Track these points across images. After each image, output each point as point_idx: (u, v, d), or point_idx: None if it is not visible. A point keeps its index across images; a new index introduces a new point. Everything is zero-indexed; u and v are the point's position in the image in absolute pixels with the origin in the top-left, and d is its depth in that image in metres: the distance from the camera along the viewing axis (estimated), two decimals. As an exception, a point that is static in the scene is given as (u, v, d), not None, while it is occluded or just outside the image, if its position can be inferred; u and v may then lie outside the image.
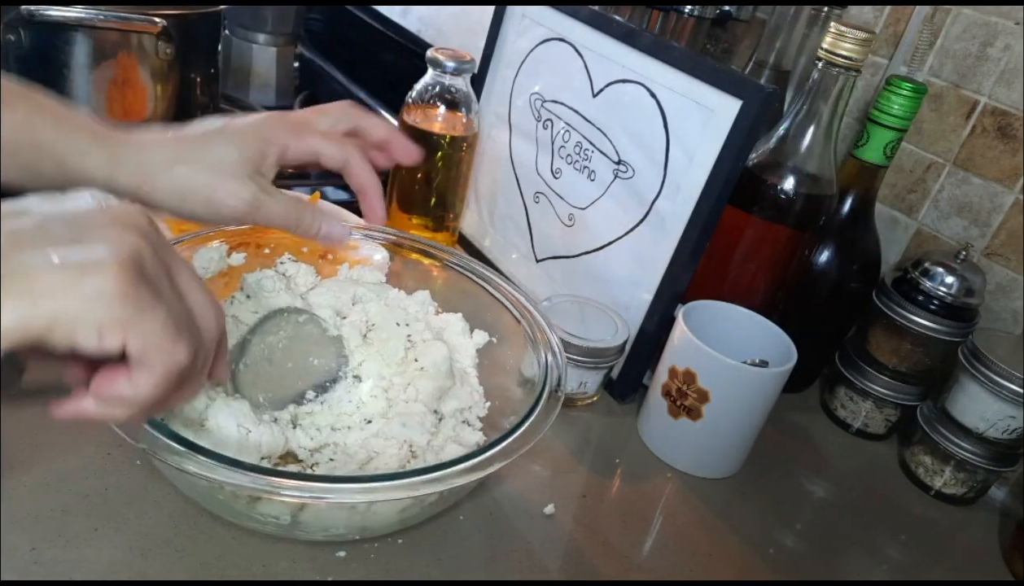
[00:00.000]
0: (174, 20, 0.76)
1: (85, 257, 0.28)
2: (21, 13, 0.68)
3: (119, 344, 0.29)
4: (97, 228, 0.30)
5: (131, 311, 0.29)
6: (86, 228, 0.29)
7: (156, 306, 0.30)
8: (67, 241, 0.29)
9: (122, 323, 0.29)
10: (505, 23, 0.77)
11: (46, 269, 0.28)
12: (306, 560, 0.44)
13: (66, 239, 0.29)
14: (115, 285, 0.28)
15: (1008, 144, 0.66)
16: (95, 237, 0.29)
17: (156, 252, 0.31)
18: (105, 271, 0.28)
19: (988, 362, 0.59)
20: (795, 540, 0.56)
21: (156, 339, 0.30)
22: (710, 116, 0.58)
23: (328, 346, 0.51)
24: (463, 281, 0.58)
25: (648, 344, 0.63)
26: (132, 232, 0.30)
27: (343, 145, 0.50)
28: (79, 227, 0.29)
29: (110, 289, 0.28)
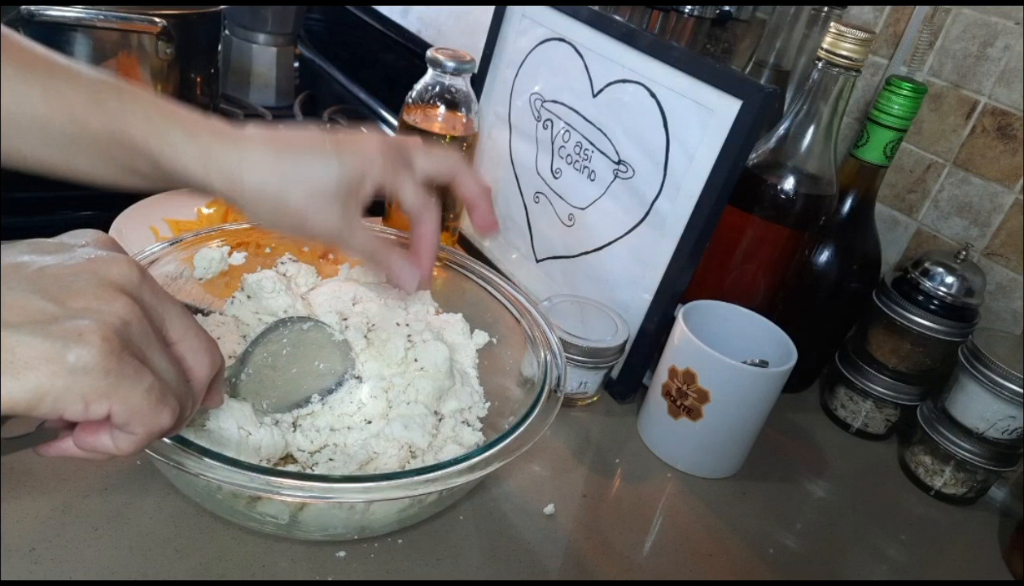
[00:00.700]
0: (174, 20, 0.76)
1: (69, 329, 0.28)
2: (21, 13, 0.68)
3: (104, 413, 0.29)
4: (83, 294, 0.29)
5: (115, 382, 0.29)
6: (72, 293, 0.29)
7: (140, 376, 0.30)
8: (51, 310, 0.28)
9: (107, 394, 0.29)
10: (505, 23, 0.77)
11: (29, 342, 0.27)
12: (306, 560, 0.44)
13: (50, 308, 0.28)
14: (99, 359, 0.28)
15: (1008, 144, 0.66)
16: (80, 306, 0.29)
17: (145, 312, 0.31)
18: (89, 344, 0.28)
19: (988, 362, 0.59)
20: (795, 540, 0.56)
21: (139, 408, 0.30)
22: (710, 116, 0.58)
23: (334, 350, 0.51)
24: (463, 281, 0.58)
25: (648, 344, 0.63)
26: (118, 296, 0.30)
27: (426, 201, 0.46)
28: (65, 290, 0.29)
29: (94, 362, 0.28)
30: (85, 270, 0.30)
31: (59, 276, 0.29)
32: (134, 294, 0.30)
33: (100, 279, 0.30)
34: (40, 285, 0.29)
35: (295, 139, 0.43)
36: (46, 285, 0.29)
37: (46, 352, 0.27)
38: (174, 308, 0.33)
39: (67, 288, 0.29)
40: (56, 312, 0.28)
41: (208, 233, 0.54)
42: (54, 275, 0.29)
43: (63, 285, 0.29)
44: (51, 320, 0.28)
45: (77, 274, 0.29)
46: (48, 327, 0.28)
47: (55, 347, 0.27)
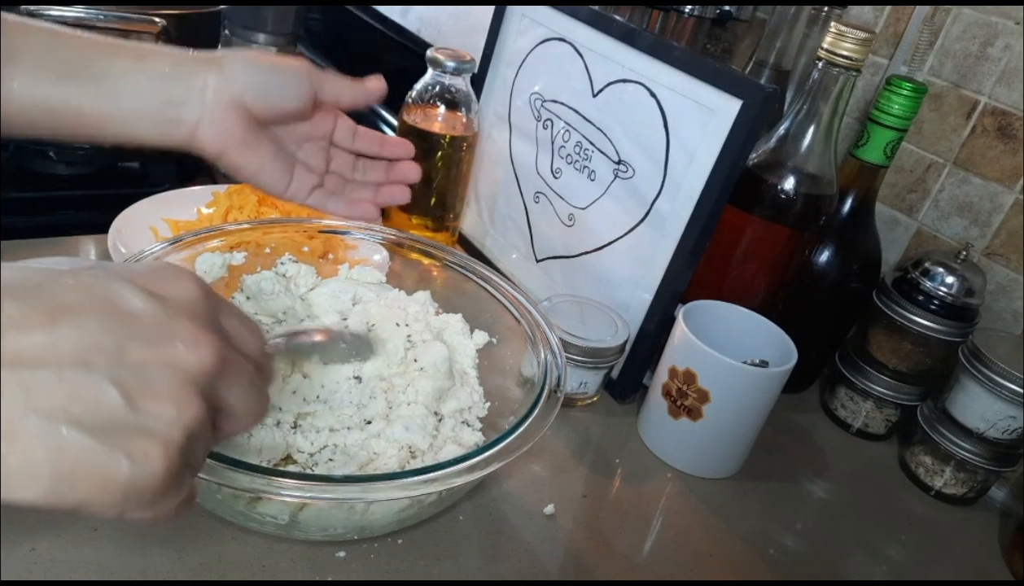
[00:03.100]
0: (174, 20, 0.76)
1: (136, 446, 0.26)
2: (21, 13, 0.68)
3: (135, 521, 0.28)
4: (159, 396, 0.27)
5: (159, 501, 0.27)
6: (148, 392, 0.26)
7: (182, 488, 0.28)
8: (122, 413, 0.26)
9: (147, 512, 0.27)
10: (505, 23, 0.77)
11: (89, 447, 0.25)
12: (306, 560, 0.44)
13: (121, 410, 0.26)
14: (156, 485, 0.26)
15: (1008, 144, 0.66)
16: (153, 411, 0.26)
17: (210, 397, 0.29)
18: (152, 469, 0.26)
19: (988, 362, 0.59)
20: (795, 540, 0.56)
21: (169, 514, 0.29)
22: (710, 116, 0.58)
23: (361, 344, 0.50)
24: (463, 281, 0.58)
25: (648, 344, 0.63)
26: (193, 401, 0.27)
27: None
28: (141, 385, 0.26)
29: (150, 489, 0.26)
30: (164, 360, 0.27)
31: (138, 364, 0.26)
32: (210, 387, 0.28)
33: (180, 376, 0.27)
34: (119, 373, 0.26)
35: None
36: (123, 374, 0.26)
37: (104, 466, 0.25)
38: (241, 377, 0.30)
39: (144, 382, 0.26)
40: (126, 417, 0.26)
41: (208, 233, 0.54)
42: (133, 362, 0.26)
43: (140, 376, 0.26)
44: (119, 427, 0.26)
45: (156, 365, 0.27)
46: (115, 435, 0.25)
47: (115, 462, 0.25)
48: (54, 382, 0.25)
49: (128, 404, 0.26)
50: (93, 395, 0.25)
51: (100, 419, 0.25)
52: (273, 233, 0.58)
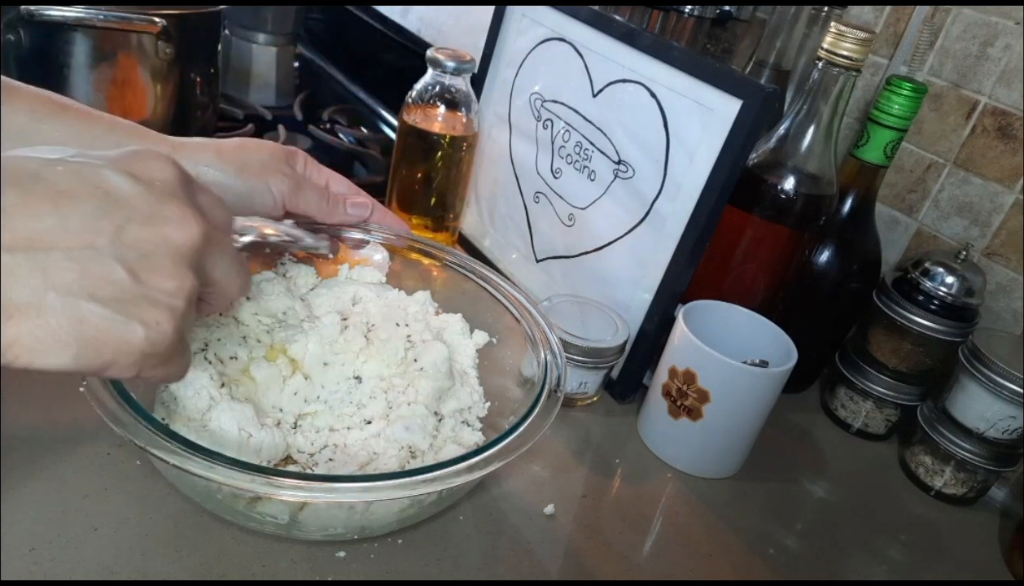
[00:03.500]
0: (174, 20, 0.76)
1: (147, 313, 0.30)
2: (21, 13, 0.68)
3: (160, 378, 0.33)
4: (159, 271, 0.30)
5: (170, 359, 0.32)
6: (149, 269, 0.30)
7: (187, 350, 0.34)
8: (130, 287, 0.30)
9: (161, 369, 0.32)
10: (505, 23, 0.77)
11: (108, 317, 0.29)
12: (306, 560, 0.44)
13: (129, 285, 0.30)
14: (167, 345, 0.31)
15: (1008, 144, 0.66)
16: (156, 285, 0.30)
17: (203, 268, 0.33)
18: (163, 333, 0.31)
19: (988, 362, 0.59)
20: (795, 540, 0.56)
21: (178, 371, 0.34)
22: (710, 116, 0.58)
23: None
24: (463, 281, 0.58)
25: (648, 344, 0.63)
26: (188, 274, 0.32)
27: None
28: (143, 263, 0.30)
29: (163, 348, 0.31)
30: (160, 241, 0.30)
31: (137, 244, 0.30)
32: (199, 261, 0.32)
33: (174, 253, 0.31)
34: (122, 252, 0.29)
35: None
36: (127, 254, 0.29)
37: (122, 332, 0.29)
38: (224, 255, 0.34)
39: (144, 260, 0.30)
40: (135, 290, 0.30)
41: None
42: (133, 241, 0.30)
43: (141, 256, 0.30)
44: (130, 299, 0.29)
45: (153, 246, 0.30)
46: (127, 306, 0.29)
47: (131, 328, 0.30)
48: (67, 262, 0.28)
49: (133, 279, 0.30)
50: (103, 273, 0.29)
51: (112, 293, 0.29)
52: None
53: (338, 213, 0.54)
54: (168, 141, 0.49)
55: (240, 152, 0.50)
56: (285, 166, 0.52)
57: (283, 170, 0.51)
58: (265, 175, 0.50)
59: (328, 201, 0.54)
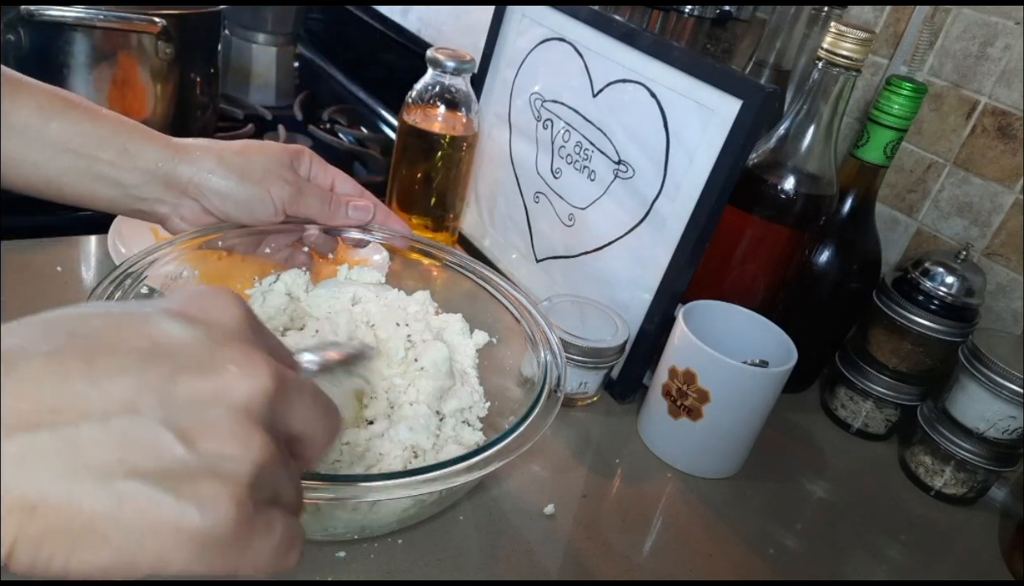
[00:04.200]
0: (174, 20, 0.76)
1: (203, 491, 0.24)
2: (21, 13, 0.68)
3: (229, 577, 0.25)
4: (216, 433, 0.24)
5: (243, 548, 0.25)
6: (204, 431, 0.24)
7: (270, 532, 0.26)
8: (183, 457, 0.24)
9: (234, 563, 0.25)
10: (505, 23, 0.77)
11: (156, 499, 0.23)
12: (306, 560, 0.44)
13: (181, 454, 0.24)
14: (231, 527, 0.24)
15: (1008, 144, 0.66)
16: (213, 451, 0.24)
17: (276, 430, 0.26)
18: (223, 511, 0.24)
19: (988, 362, 0.59)
20: (795, 540, 0.56)
21: (268, 564, 0.26)
22: (710, 116, 0.58)
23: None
24: (463, 281, 0.58)
25: (648, 344, 0.63)
26: (254, 434, 0.25)
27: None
28: (197, 424, 0.24)
29: (225, 532, 0.24)
30: (218, 395, 0.25)
31: (191, 401, 0.24)
32: (268, 418, 0.26)
33: (234, 410, 0.25)
34: (171, 414, 0.24)
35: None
36: (178, 415, 0.24)
37: (171, 516, 0.23)
38: (302, 398, 0.28)
39: (199, 420, 0.24)
40: (188, 461, 0.24)
41: (208, 233, 0.54)
42: (185, 399, 0.24)
43: (195, 415, 0.24)
44: (182, 473, 0.23)
45: (209, 402, 0.25)
46: (178, 482, 0.23)
47: (183, 510, 0.23)
48: (102, 434, 0.23)
49: (187, 447, 0.24)
50: (147, 442, 0.23)
51: (159, 467, 0.23)
52: (273, 232, 0.58)
53: (339, 216, 0.54)
54: (172, 142, 0.49)
55: (242, 158, 0.50)
56: (287, 171, 0.51)
57: (285, 176, 0.51)
58: (266, 182, 0.50)
59: (330, 204, 0.53)
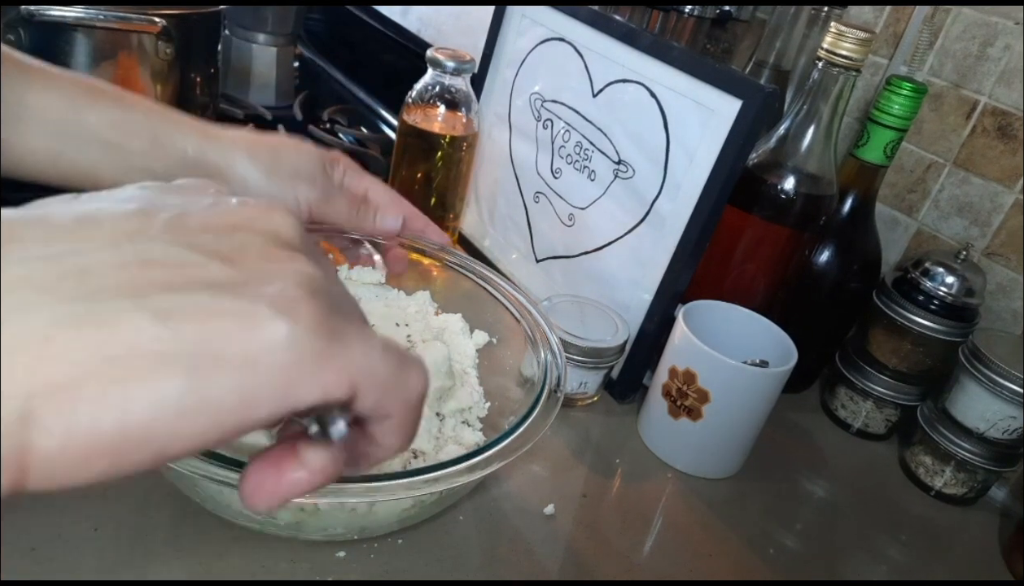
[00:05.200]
0: (174, 20, 0.76)
1: (270, 293, 0.19)
2: (21, 13, 0.68)
3: (347, 390, 0.20)
4: (251, 254, 0.20)
5: (346, 347, 0.20)
6: (239, 253, 0.20)
7: (365, 334, 0.21)
8: (228, 273, 0.19)
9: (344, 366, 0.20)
10: (505, 23, 0.77)
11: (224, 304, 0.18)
12: (306, 560, 0.44)
13: (225, 270, 0.19)
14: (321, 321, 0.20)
15: (1008, 144, 0.66)
16: (257, 267, 0.20)
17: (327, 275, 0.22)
18: (302, 305, 0.19)
19: (988, 362, 0.59)
20: (795, 540, 0.56)
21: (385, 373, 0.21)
22: (710, 116, 0.58)
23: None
24: (463, 281, 0.58)
25: (648, 344, 0.63)
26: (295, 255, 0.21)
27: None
28: (228, 249, 0.20)
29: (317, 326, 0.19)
30: (239, 224, 0.21)
31: (211, 229, 0.20)
32: (304, 249, 0.22)
33: (265, 235, 0.21)
34: (194, 241, 0.20)
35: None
36: (201, 241, 0.20)
37: (252, 321, 0.18)
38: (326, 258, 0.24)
39: (231, 246, 0.20)
40: (236, 275, 0.19)
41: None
42: (203, 227, 0.20)
43: (223, 241, 0.20)
44: (237, 283, 0.19)
45: (233, 229, 0.21)
46: (235, 289, 0.19)
47: (257, 310, 0.19)
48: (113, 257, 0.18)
49: (228, 265, 0.19)
50: (175, 260, 0.19)
51: (203, 280, 0.19)
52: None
53: (367, 225, 0.53)
54: (203, 129, 0.48)
55: (272, 154, 0.49)
56: (318, 174, 0.50)
57: (314, 178, 0.50)
58: (294, 182, 0.49)
59: (359, 211, 0.52)
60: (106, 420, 0.16)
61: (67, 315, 0.16)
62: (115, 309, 0.17)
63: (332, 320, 0.20)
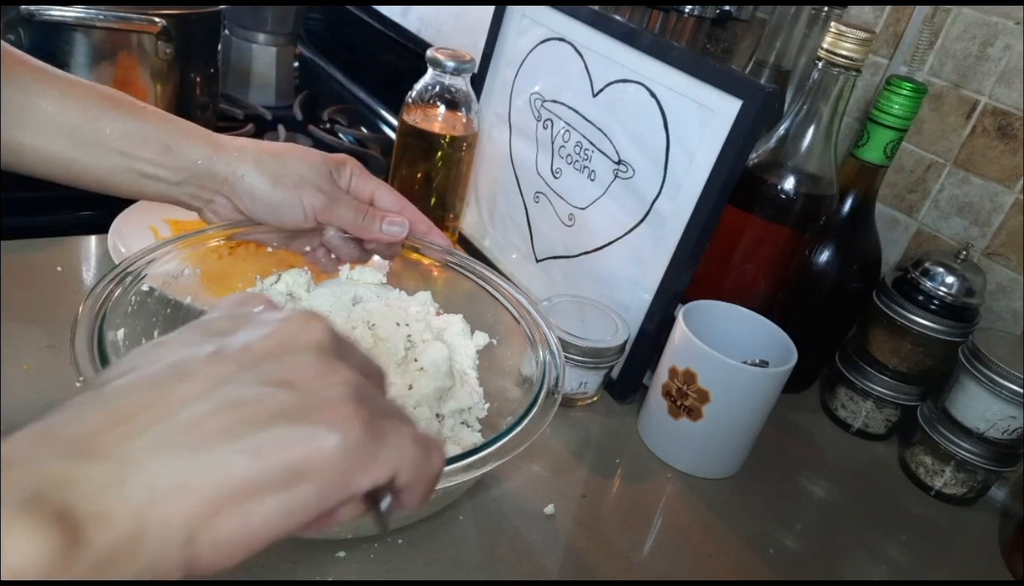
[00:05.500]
0: (174, 20, 0.76)
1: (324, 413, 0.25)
2: (21, 13, 0.68)
3: (388, 476, 0.27)
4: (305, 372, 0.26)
5: (383, 444, 0.27)
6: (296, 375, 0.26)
7: (399, 428, 0.28)
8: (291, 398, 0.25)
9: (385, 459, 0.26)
10: (505, 23, 0.77)
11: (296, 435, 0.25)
12: (306, 560, 0.44)
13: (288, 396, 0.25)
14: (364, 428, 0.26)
15: (1008, 144, 0.66)
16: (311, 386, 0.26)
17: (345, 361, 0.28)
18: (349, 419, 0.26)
19: (988, 362, 0.59)
20: (795, 540, 0.56)
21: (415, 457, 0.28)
22: (710, 116, 0.58)
23: None
24: (463, 281, 0.58)
25: (648, 344, 0.63)
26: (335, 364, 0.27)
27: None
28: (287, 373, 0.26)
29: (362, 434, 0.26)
30: (289, 345, 0.27)
31: (269, 358, 0.26)
32: (339, 353, 0.28)
33: (310, 350, 0.27)
34: (260, 374, 0.26)
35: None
36: (265, 372, 0.26)
37: (311, 442, 0.25)
38: (351, 346, 0.30)
39: (287, 370, 0.26)
40: (294, 399, 0.25)
41: (209, 232, 0.54)
42: (263, 357, 0.26)
43: (280, 367, 0.26)
44: (296, 410, 0.25)
45: (284, 352, 0.27)
46: (298, 417, 0.25)
47: (317, 433, 0.25)
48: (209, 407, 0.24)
49: (287, 390, 0.25)
50: (252, 398, 0.25)
51: (273, 412, 0.25)
52: (274, 232, 0.58)
53: (373, 230, 0.53)
54: (213, 139, 0.50)
55: (279, 162, 0.50)
56: (324, 180, 0.51)
57: (320, 184, 0.51)
58: (300, 190, 0.50)
59: (365, 217, 0.53)
60: (239, 534, 0.24)
61: (193, 466, 0.23)
62: (221, 454, 0.24)
63: (373, 424, 0.26)
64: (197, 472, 0.23)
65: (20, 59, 0.46)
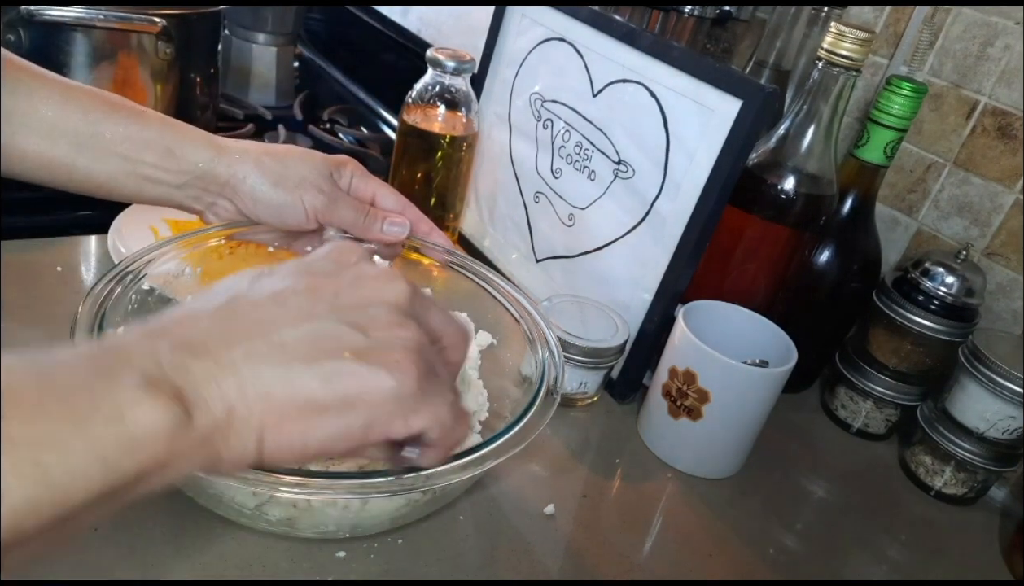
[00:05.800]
0: (174, 20, 0.76)
1: (386, 358, 0.31)
2: (21, 13, 0.68)
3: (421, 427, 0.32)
4: (380, 323, 0.31)
5: (428, 401, 0.32)
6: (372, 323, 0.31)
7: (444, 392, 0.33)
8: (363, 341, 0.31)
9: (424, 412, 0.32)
10: (505, 23, 0.77)
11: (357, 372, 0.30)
12: (306, 560, 0.44)
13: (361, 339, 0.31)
14: (416, 382, 0.31)
15: (1008, 144, 0.66)
16: (382, 335, 0.31)
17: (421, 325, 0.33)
18: (406, 371, 0.31)
19: (988, 362, 0.59)
20: (795, 540, 0.56)
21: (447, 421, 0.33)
22: (710, 116, 0.58)
23: None
24: (463, 281, 0.58)
25: (648, 344, 0.63)
26: (408, 322, 0.32)
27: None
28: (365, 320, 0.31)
29: (413, 386, 0.31)
30: (373, 298, 0.32)
31: (354, 306, 0.32)
32: (413, 313, 0.33)
33: (389, 306, 0.32)
34: (344, 316, 0.31)
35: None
36: (349, 316, 0.31)
37: (371, 381, 0.30)
38: (433, 307, 0.35)
39: (366, 318, 0.31)
40: (368, 343, 0.31)
41: (209, 232, 0.54)
42: (350, 305, 0.32)
43: (362, 314, 0.31)
44: (368, 351, 0.30)
45: (367, 304, 0.32)
46: (368, 357, 0.30)
47: (377, 374, 0.30)
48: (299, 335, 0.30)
49: (363, 334, 0.31)
50: (333, 335, 0.30)
51: (352, 349, 0.30)
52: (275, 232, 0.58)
53: (374, 231, 0.54)
54: (214, 142, 0.50)
55: (279, 164, 0.51)
56: (324, 181, 0.52)
57: (320, 185, 0.51)
58: (300, 190, 0.51)
59: (366, 217, 0.53)
60: (297, 441, 0.29)
61: (276, 378, 0.29)
62: (299, 374, 0.29)
63: (424, 380, 0.31)
64: (277, 384, 0.28)
65: (20, 65, 0.46)
